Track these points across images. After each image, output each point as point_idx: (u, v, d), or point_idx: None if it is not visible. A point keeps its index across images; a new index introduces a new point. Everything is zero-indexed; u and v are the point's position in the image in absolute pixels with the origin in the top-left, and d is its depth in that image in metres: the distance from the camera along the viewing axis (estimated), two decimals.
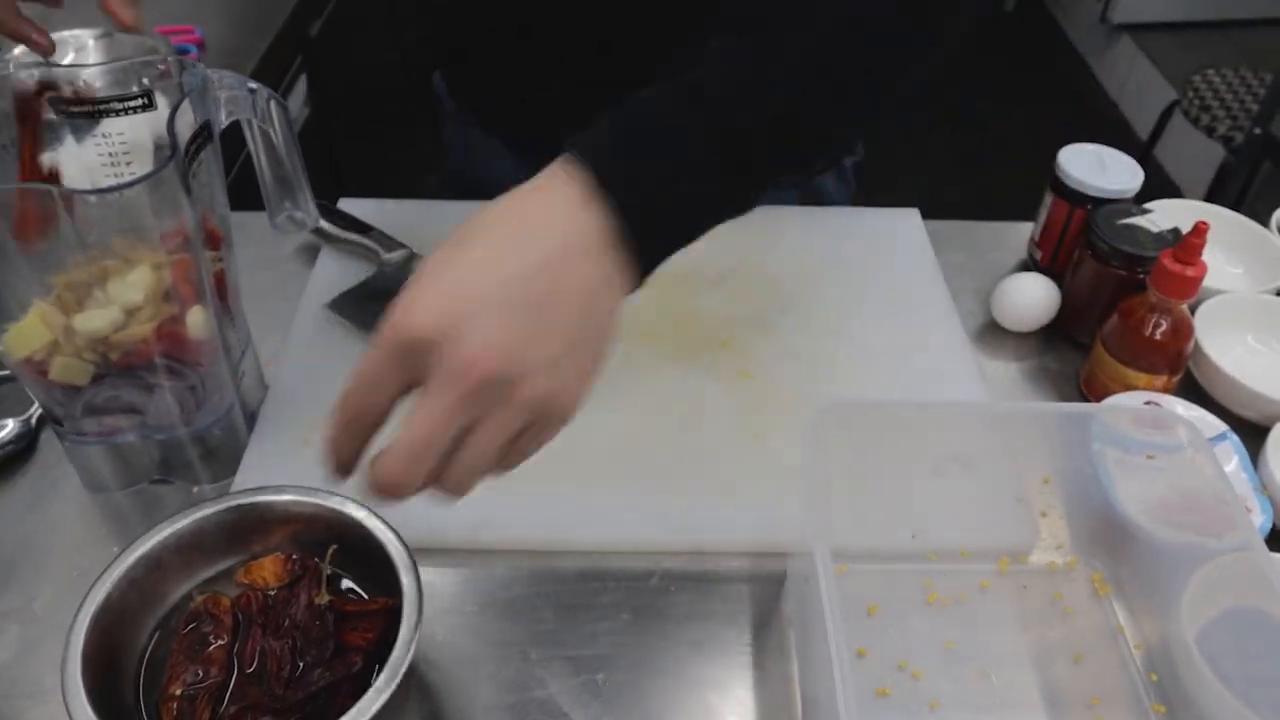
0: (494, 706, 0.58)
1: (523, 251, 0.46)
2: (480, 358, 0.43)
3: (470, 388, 0.43)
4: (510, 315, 0.44)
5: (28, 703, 0.59)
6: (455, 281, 0.45)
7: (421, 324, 0.44)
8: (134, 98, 0.63)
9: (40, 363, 0.61)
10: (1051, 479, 0.65)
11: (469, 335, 0.43)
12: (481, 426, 0.45)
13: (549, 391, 0.45)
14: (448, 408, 0.44)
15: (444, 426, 0.44)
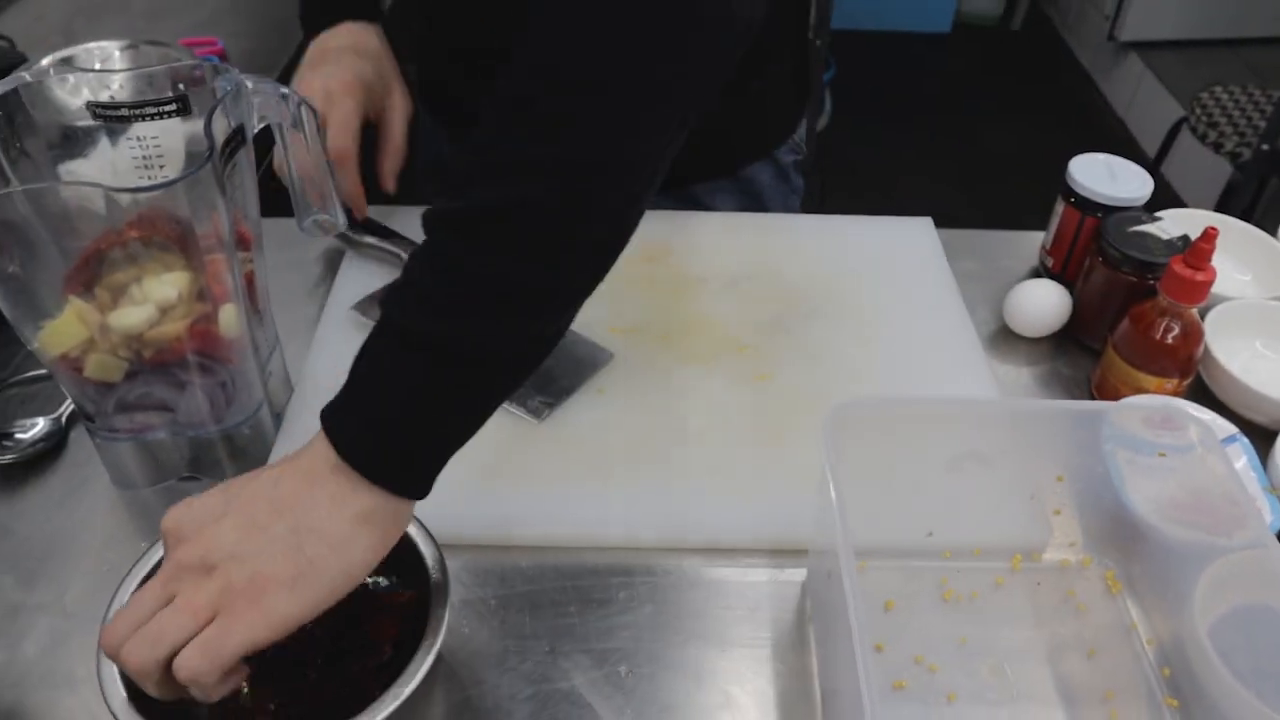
0: (518, 697, 0.59)
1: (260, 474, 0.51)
2: (211, 551, 0.48)
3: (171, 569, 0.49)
4: (229, 534, 0.49)
5: (61, 693, 0.60)
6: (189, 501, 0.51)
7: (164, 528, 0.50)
8: (169, 101, 0.65)
9: (75, 359, 0.63)
10: (1064, 477, 0.66)
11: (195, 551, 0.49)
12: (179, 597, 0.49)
13: (243, 577, 0.48)
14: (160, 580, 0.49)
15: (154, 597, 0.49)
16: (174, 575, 0.49)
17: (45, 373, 0.78)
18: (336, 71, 0.82)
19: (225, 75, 0.63)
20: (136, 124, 0.66)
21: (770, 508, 0.69)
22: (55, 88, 0.65)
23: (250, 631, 0.47)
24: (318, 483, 0.49)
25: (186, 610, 0.48)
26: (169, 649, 0.47)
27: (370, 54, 0.86)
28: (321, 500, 0.49)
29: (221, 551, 0.48)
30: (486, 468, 0.71)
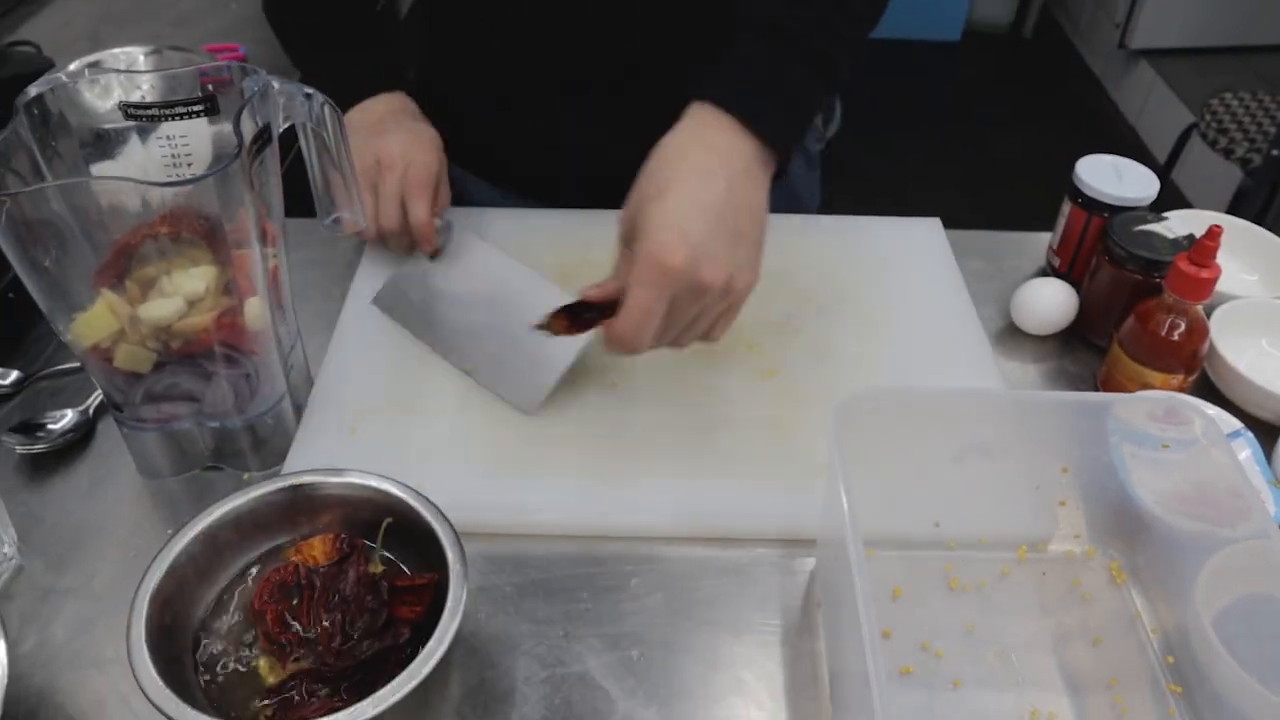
0: (533, 679, 0.61)
1: (712, 186, 0.66)
2: (713, 278, 0.65)
3: (704, 296, 0.66)
4: (722, 241, 0.65)
5: (90, 673, 0.62)
6: (682, 229, 0.64)
7: (678, 264, 0.63)
8: (198, 101, 0.67)
9: (106, 350, 0.65)
10: (1069, 469, 0.67)
11: (703, 274, 0.64)
12: (706, 312, 0.67)
13: (746, 283, 0.68)
14: (690, 303, 0.66)
15: (683, 315, 0.67)
16: (693, 297, 0.65)
17: (74, 366, 0.81)
18: (408, 134, 0.87)
19: (253, 76, 0.65)
20: (165, 124, 0.68)
21: (779, 499, 0.70)
22: (86, 90, 0.67)
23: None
24: (752, 179, 0.69)
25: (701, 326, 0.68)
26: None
27: (420, 117, 0.90)
28: (759, 192, 0.69)
29: (731, 270, 0.66)
30: (502, 460, 0.73)
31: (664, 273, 0.63)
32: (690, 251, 0.63)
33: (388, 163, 0.84)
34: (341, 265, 0.92)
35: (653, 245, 0.64)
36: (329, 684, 0.57)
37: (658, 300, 0.64)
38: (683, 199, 0.65)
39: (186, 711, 0.52)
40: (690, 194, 0.65)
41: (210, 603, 0.61)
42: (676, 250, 0.63)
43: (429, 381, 0.79)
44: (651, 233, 0.64)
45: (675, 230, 0.64)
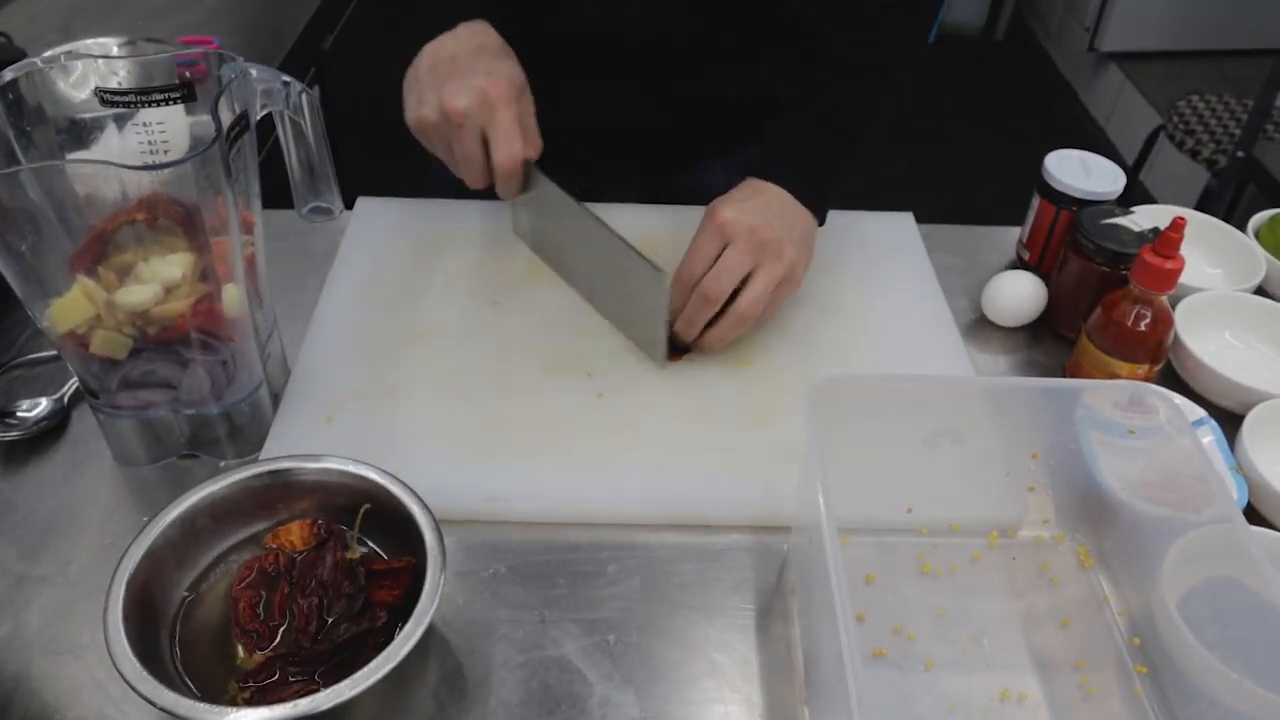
0: (510, 664, 0.61)
1: (767, 197, 0.81)
2: (763, 229, 0.77)
3: (758, 242, 0.77)
4: (773, 221, 0.79)
5: (65, 659, 0.61)
6: (743, 208, 0.79)
7: (730, 217, 0.78)
8: (175, 88, 0.67)
9: (82, 336, 0.64)
10: (1039, 454, 0.68)
11: (754, 222, 0.77)
12: (764, 266, 0.78)
13: (795, 257, 0.79)
14: (748, 250, 0.77)
15: (744, 262, 0.77)
16: (760, 246, 0.77)
17: (48, 354, 0.80)
18: (484, 79, 0.77)
19: (230, 63, 0.65)
20: (142, 112, 0.68)
21: (754, 486, 0.71)
22: (61, 80, 0.67)
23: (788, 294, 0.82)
24: (800, 211, 0.82)
25: (777, 273, 0.78)
26: (759, 307, 0.78)
27: (502, 52, 0.82)
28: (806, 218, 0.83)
29: (780, 234, 0.78)
30: (478, 446, 0.73)
31: (715, 222, 0.78)
32: (744, 214, 0.78)
33: (457, 119, 0.77)
34: (319, 256, 0.92)
35: (709, 211, 0.79)
36: (306, 667, 0.57)
37: (707, 244, 0.77)
38: (738, 194, 0.81)
39: (164, 694, 0.52)
40: (744, 193, 0.81)
41: (187, 588, 0.61)
42: (728, 209, 0.78)
43: (406, 370, 0.79)
44: (710, 209, 0.79)
45: (731, 202, 0.80)
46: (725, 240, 0.77)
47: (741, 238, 0.76)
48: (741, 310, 0.77)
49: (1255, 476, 0.72)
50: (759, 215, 0.78)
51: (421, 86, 0.79)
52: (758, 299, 0.77)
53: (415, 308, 0.85)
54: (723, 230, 0.77)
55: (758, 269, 0.77)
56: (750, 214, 0.78)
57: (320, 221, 0.77)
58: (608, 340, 0.83)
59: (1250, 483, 0.72)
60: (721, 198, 0.81)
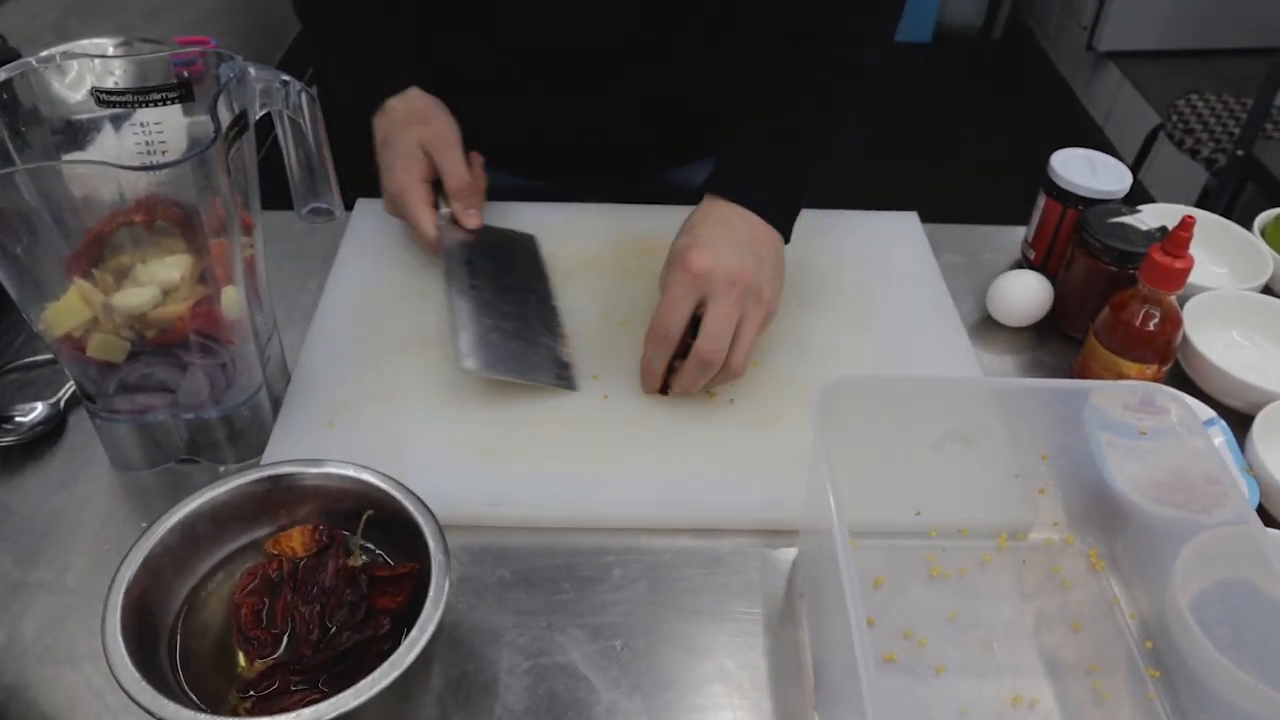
0: (516, 670, 0.61)
1: (731, 225, 0.77)
2: (741, 275, 0.73)
3: (740, 292, 0.73)
4: (747, 262, 0.74)
5: (63, 668, 0.61)
6: (715, 252, 0.74)
7: (705, 266, 0.73)
8: (173, 88, 0.66)
9: (79, 339, 0.63)
10: (1049, 456, 0.67)
11: (732, 269, 0.73)
12: (748, 315, 0.74)
13: (772, 295, 0.76)
14: (733, 302, 0.73)
15: (732, 316, 0.73)
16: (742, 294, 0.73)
17: (44, 358, 0.79)
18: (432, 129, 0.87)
19: (229, 63, 0.64)
20: (139, 112, 0.67)
21: (760, 489, 0.70)
22: (56, 81, 0.66)
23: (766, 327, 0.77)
24: (767, 231, 0.78)
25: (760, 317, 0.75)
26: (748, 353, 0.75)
27: (438, 114, 0.88)
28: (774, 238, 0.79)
29: (758, 278, 0.74)
30: (483, 451, 0.72)
31: (690, 273, 0.73)
32: (714, 257, 0.73)
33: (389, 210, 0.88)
34: (319, 258, 0.91)
35: (679, 256, 0.74)
36: (308, 676, 0.56)
37: (684, 297, 0.73)
38: (705, 231, 0.76)
39: (164, 704, 0.51)
40: (711, 229, 0.76)
41: (187, 595, 0.60)
42: (701, 256, 0.73)
43: (408, 373, 0.78)
44: (679, 252, 0.75)
45: (700, 244, 0.74)
46: (702, 293, 0.73)
47: (722, 290, 0.72)
48: (734, 367, 0.74)
49: (1266, 477, 0.71)
50: (733, 257, 0.74)
51: (384, 157, 0.88)
52: (747, 351, 0.74)
53: (417, 310, 0.84)
54: (699, 282, 0.73)
55: (743, 320, 0.74)
56: (725, 257, 0.73)
57: (320, 222, 0.76)
58: (612, 342, 0.82)
59: (1261, 483, 0.71)
60: (686, 237, 0.76)
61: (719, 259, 0.73)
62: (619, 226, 0.94)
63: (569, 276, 0.89)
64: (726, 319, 0.72)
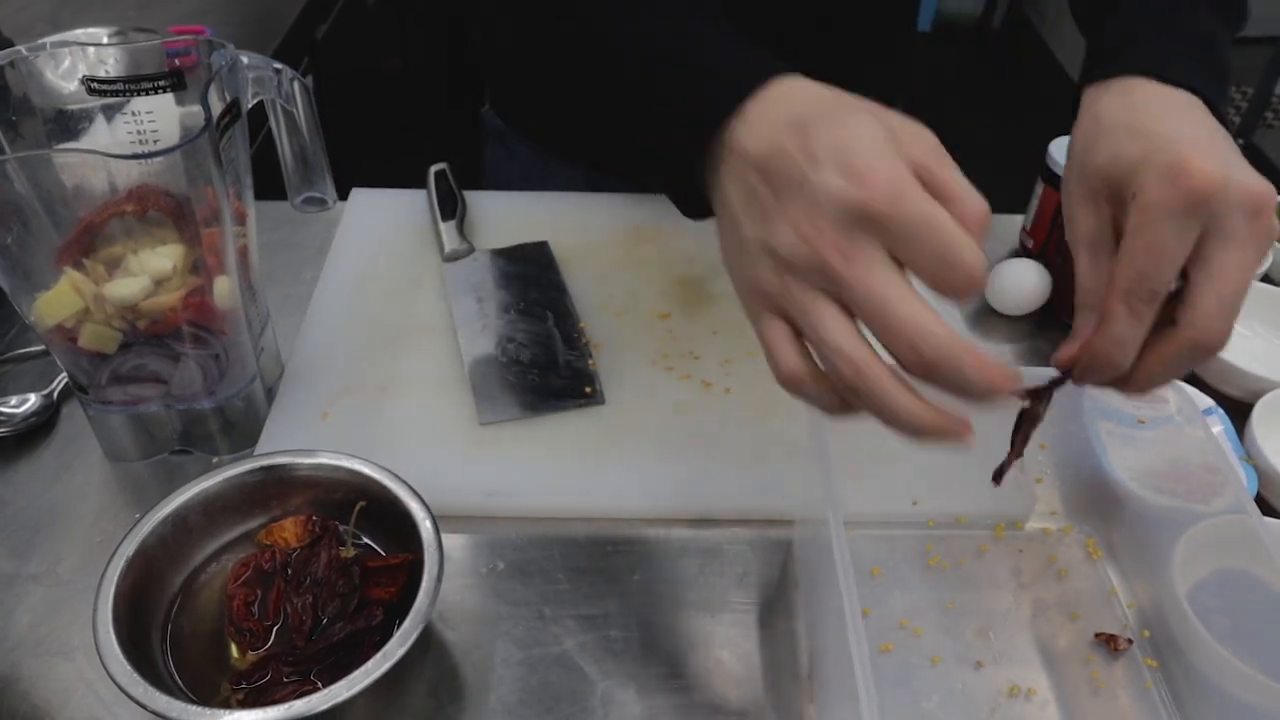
0: (510, 661, 0.60)
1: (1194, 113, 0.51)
2: (1266, 196, 0.46)
3: (1265, 225, 0.46)
4: (1258, 179, 0.47)
5: (56, 660, 0.60)
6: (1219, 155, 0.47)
7: (1216, 177, 0.45)
8: (164, 76, 0.65)
9: (70, 330, 0.63)
10: (1047, 445, 0.67)
11: (1252, 187, 0.46)
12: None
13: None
14: (1255, 243, 0.46)
15: (1253, 267, 0.47)
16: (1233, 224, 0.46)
17: (36, 350, 0.79)
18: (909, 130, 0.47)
19: (220, 51, 0.64)
20: (131, 102, 0.67)
21: (756, 479, 0.70)
22: (48, 70, 0.65)
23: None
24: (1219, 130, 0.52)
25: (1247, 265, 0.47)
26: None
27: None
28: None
29: (1269, 198, 0.47)
30: (478, 442, 0.72)
31: (1190, 188, 0.45)
32: (1222, 163, 0.46)
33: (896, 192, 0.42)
34: (313, 248, 0.90)
35: (1161, 158, 0.47)
36: (301, 667, 0.56)
37: (1181, 229, 0.46)
38: (1193, 132, 0.49)
39: (155, 696, 0.50)
40: (1201, 131, 0.50)
41: (180, 587, 0.60)
42: (1207, 160, 0.46)
43: (403, 364, 0.78)
44: (1155, 152, 0.47)
45: (1191, 140, 0.48)
46: (1203, 222, 0.46)
47: (1241, 222, 0.46)
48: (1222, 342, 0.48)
49: (1265, 466, 0.71)
50: (1244, 166, 0.47)
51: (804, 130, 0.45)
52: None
53: (412, 300, 0.84)
54: (1204, 205, 0.46)
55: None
56: (1236, 165, 0.47)
57: (314, 212, 0.75)
58: (609, 332, 0.82)
59: (1259, 472, 0.71)
60: (1141, 140, 0.49)
61: (1229, 165, 0.46)
62: (615, 216, 0.94)
63: (565, 266, 0.88)
64: (1244, 271, 0.47)
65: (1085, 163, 0.52)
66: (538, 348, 0.79)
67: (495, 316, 0.82)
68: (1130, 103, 0.52)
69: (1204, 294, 0.46)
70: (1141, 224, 0.47)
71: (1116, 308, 0.48)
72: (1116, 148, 0.50)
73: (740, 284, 0.49)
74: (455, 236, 0.88)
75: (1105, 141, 0.51)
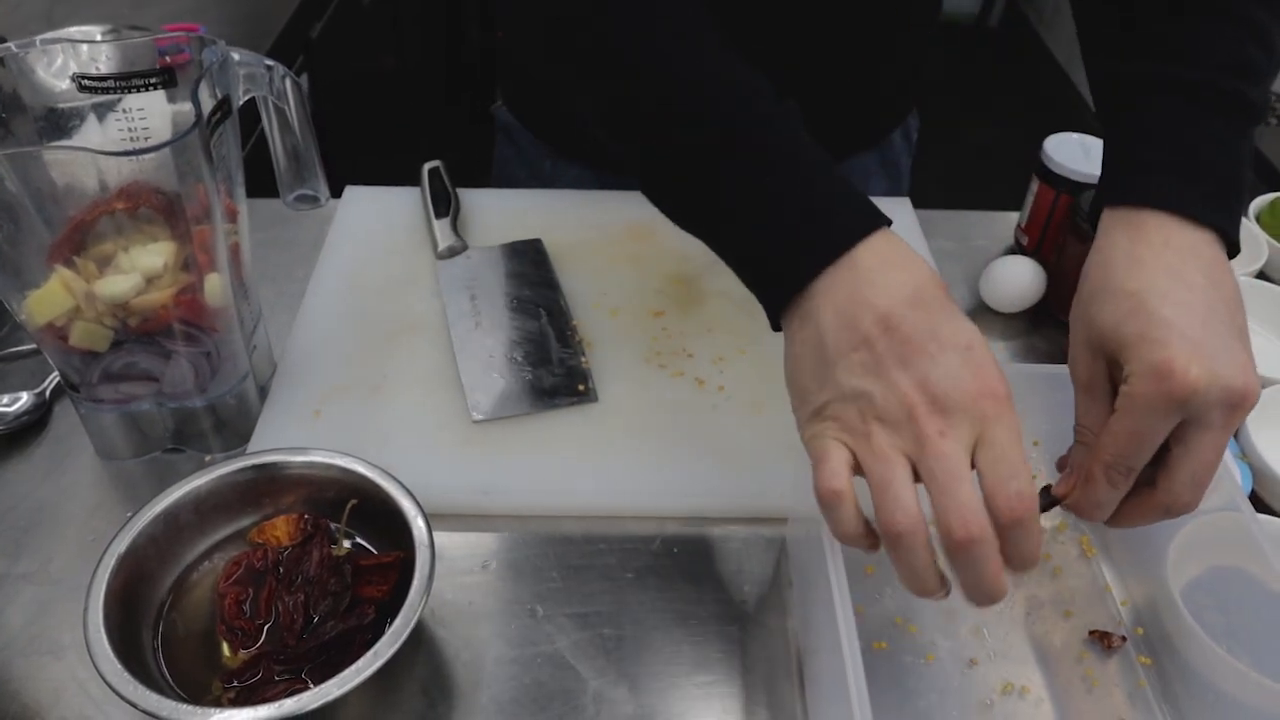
0: (503, 659, 0.60)
1: (1191, 282, 0.52)
2: (1246, 389, 0.49)
3: (1240, 417, 0.50)
4: (1244, 358, 0.51)
5: (46, 659, 0.60)
6: (1205, 351, 0.49)
7: (1199, 380, 0.48)
8: (155, 74, 0.65)
9: (61, 328, 0.63)
10: (1040, 442, 0.67)
11: (1234, 382, 0.49)
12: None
13: (1256, 389, 0.51)
14: (1229, 430, 0.50)
15: (1223, 448, 0.51)
16: (1209, 417, 0.49)
17: (28, 348, 0.79)
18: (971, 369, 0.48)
19: (211, 47, 0.64)
20: (123, 99, 0.67)
21: (749, 477, 0.70)
22: (40, 68, 0.65)
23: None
24: (1222, 264, 0.55)
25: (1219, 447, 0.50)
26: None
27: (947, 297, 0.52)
28: (1232, 276, 0.55)
29: (1251, 387, 0.50)
30: (471, 440, 0.72)
31: (1174, 388, 0.48)
32: (1207, 361, 0.49)
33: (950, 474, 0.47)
34: (306, 246, 0.90)
35: (1148, 355, 0.49)
36: (293, 665, 0.56)
37: (1160, 420, 0.50)
38: (1173, 301, 0.51)
39: (145, 695, 0.50)
40: (1176, 291, 0.51)
41: (172, 585, 0.60)
42: (1193, 362, 0.48)
43: (396, 361, 0.78)
44: (1146, 346, 0.50)
45: (1179, 336, 0.49)
46: (1186, 414, 0.49)
47: (1218, 415, 0.49)
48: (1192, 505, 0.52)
49: (1259, 463, 0.71)
50: (1227, 353, 0.50)
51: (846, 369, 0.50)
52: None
53: (405, 298, 0.84)
54: (1186, 402, 0.49)
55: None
56: (1220, 358, 0.49)
57: (306, 209, 0.75)
58: (601, 330, 0.81)
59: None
60: (1142, 317, 0.51)
61: (1214, 363, 0.49)
62: (609, 213, 0.94)
63: (559, 263, 0.88)
64: (1217, 452, 0.50)
65: (1090, 318, 0.55)
66: (531, 345, 0.79)
67: (488, 314, 0.82)
68: (1137, 255, 0.54)
69: (1180, 469, 0.51)
70: (1127, 410, 0.51)
71: (1097, 475, 0.53)
72: (1118, 317, 0.53)
73: (808, 403, 0.52)
74: (449, 234, 0.88)
75: (1109, 305, 0.53)
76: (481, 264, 0.87)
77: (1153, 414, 0.49)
